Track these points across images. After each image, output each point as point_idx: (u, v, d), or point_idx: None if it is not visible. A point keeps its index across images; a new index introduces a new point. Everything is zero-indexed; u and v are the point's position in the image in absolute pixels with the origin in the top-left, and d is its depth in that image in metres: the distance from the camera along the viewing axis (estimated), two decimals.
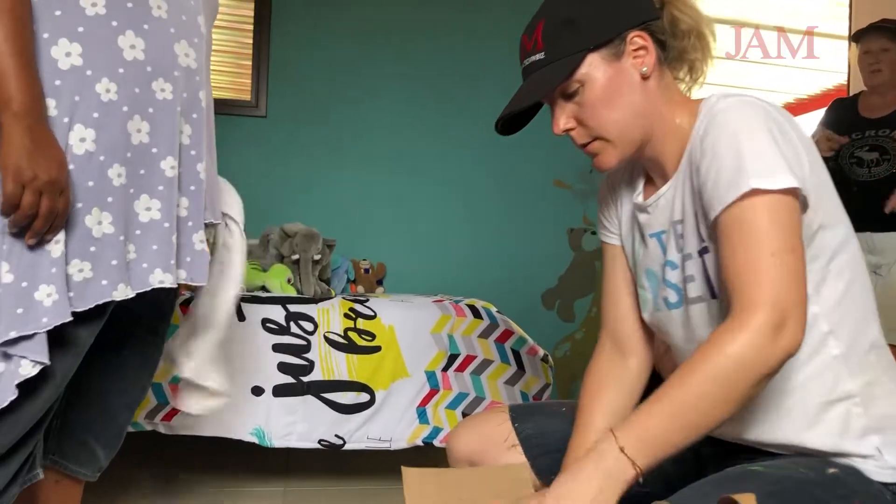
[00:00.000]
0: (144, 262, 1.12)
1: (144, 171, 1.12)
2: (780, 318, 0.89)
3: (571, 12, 1.06)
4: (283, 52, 3.06)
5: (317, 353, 2.07)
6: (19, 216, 0.98)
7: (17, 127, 0.97)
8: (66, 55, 1.05)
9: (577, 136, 1.10)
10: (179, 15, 1.16)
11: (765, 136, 0.95)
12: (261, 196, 3.03)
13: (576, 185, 3.27)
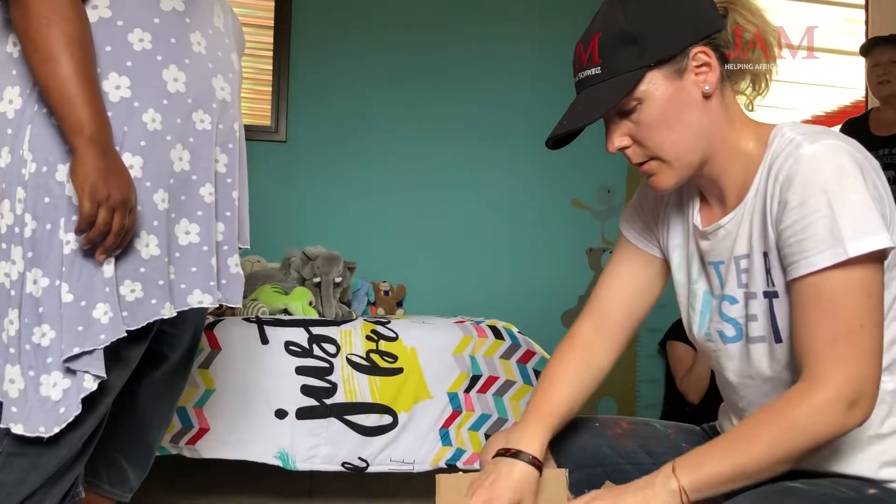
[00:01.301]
0: (183, 283, 1.17)
1: (185, 198, 1.17)
2: (855, 396, 0.91)
3: (631, 25, 1.00)
4: (302, 76, 3.10)
5: (339, 375, 2.08)
6: (95, 233, 1.04)
7: (90, 150, 1.03)
8: (116, 88, 1.11)
9: (633, 155, 1.06)
10: (216, 51, 1.22)
11: (860, 193, 0.91)
12: (282, 220, 3.05)
13: (594, 206, 3.28)
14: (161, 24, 1.14)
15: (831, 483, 0.99)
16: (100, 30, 1.11)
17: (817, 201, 0.92)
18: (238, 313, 2.34)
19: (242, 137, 1.32)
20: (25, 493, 1.08)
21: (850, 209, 0.91)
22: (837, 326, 0.92)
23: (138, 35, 1.13)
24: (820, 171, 0.93)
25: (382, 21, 3.17)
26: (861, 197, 0.91)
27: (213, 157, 1.20)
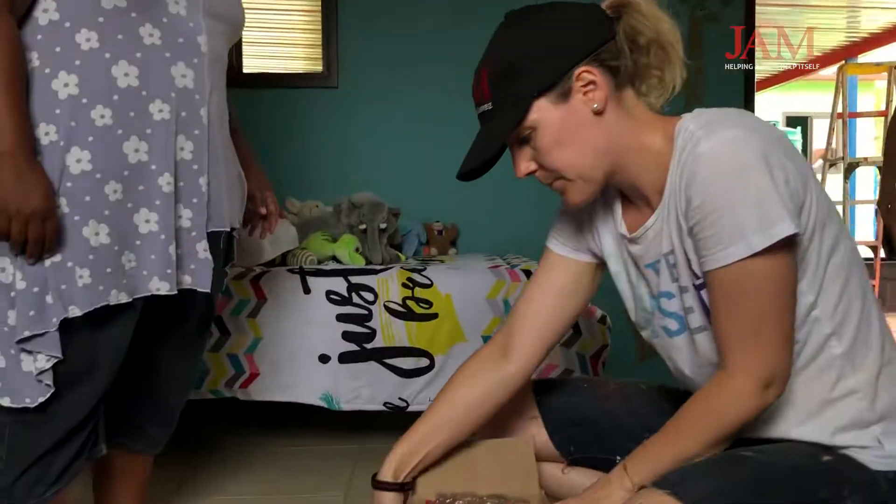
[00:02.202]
0: (145, 270, 1.25)
1: (143, 187, 1.23)
2: (767, 380, 0.97)
3: (512, 59, 1.03)
4: (351, 22, 3.13)
5: (378, 321, 2.18)
6: (12, 243, 1.13)
7: (3, 166, 1.10)
8: (65, 86, 1.18)
9: (541, 178, 1.09)
10: (175, 38, 1.25)
11: (759, 183, 0.92)
12: (337, 164, 3.14)
13: None
14: (106, 22, 1.19)
15: (784, 450, 1.02)
16: (50, 31, 1.18)
17: (718, 198, 0.94)
18: (288, 263, 2.47)
19: (223, 120, 1.37)
20: (36, 456, 1.22)
21: (750, 203, 0.92)
22: (747, 316, 0.96)
23: (85, 35, 1.18)
24: (718, 167, 0.94)
25: None
26: (761, 188, 0.92)
27: (175, 145, 1.26)
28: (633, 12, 1.05)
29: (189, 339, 1.50)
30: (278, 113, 3.15)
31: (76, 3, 1.19)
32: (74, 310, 1.17)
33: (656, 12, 1.06)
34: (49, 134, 1.17)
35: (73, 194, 1.18)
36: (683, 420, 1.03)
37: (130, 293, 1.24)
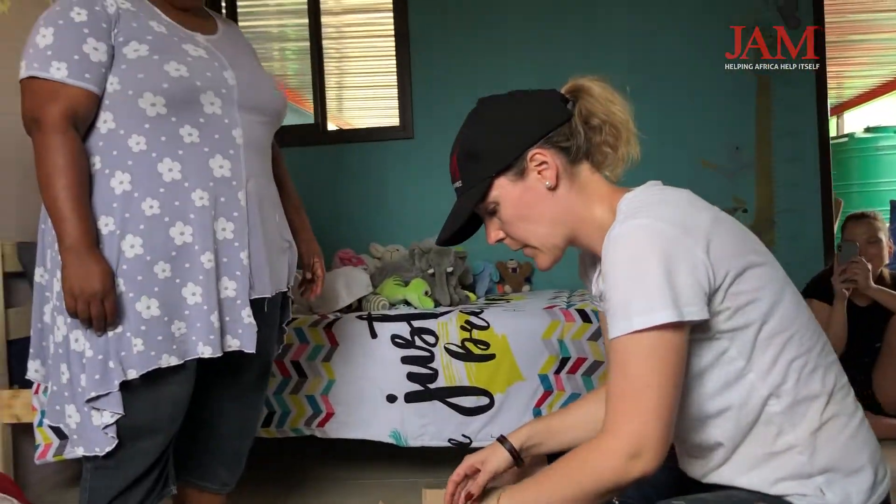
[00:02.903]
0: (193, 336, 1.45)
1: (189, 265, 1.44)
2: (636, 450, 0.99)
3: (474, 144, 1.17)
4: (424, 78, 3.33)
5: (439, 362, 2.33)
6: (80, 320, 1.37)
7: (69, 256, 1.35)
8: (120, 183, 1.42)
9: (510, 244, 1.22)
10: (212, 135, 1.47)
11: (651, 270, 0.99)
12: (413, 211, 3.34)
13: (724, 165, 3.20)
14: (152, 128, 1.43)
15: (723, 497, 1.08)
16: (108, 138, 1.43)
17: (614, 278, 1.02)
18: (363, 308, 2.67)
19: (269, 198, 1.57)
20: (112, 495, 1.45)
21: (638, 287, 0.99)
22: (625, 385, 1.01)
23: (135, 139, 1.42)
24: (619, 251, 1.02)
25: (494, 21, 3.29)
26: (650, 276, 0.99)
27: (214, 228, 1.47)
28: (587, 96, 1.16)
29: (247, 390, 1.70)
30: (360, 165, 3.39)
31: (128, 114, 1.43)
32: (132, 373, 1.40)
33: (608, 94, 1.17)
34: (108, 225, 1.41)
35: (128, 275, 1.40)
36: (558, 466, 1.08)
37: (181, 357, 1.45)
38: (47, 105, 1.39)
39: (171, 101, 1.44)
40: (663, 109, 3.23)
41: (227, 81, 1.52)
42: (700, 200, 1.13)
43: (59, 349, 1.44)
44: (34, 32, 1.44)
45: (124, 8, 1.48)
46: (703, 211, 1.08)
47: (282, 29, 3.83)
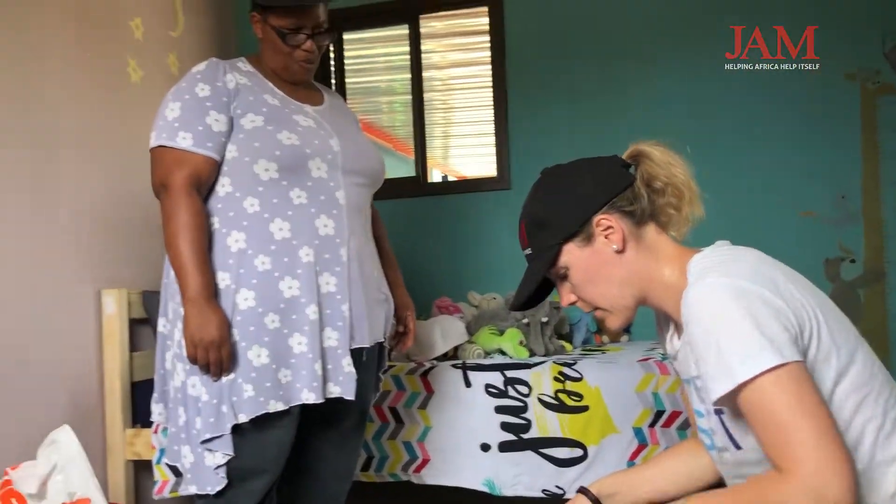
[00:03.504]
0: (298, 383, 1.56)
1: (296, 316, 1.56)
2: (819, 488, 0.96)
3: (540, 214, 1.24)
4: (521, 128, 3.41)
5: (533, 413, 2.36)
6: (199, 365, 1.49)
7: (190, 308, 1.49)
8: (236, 241, 1.56)
9: (582, 307, 1.27)
10: (318, 196, 1.60)
11: (738, 323, 1.00)
12: (511, 261, 3.39)
13: (827, 213, 3.11)
14: (265, 191, 1.57)
15: None
16: (225, 200, 1.58)
17: (704, 341, 1.04)
18: (458, 356, 2.73)
19: (370, 254, 1.68)
20: None
21: (731, 342, 1.01)
22: (772, 435, 1.00)
23: (250, 201, 1.57)
24: (701, 313, 1.05)
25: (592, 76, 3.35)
26: (738, 329, 1.00)
27: (319, 282, 1.58)
28: (647, 160, 1.22)
29: (347, 436, 1.80)
30: (458, 215, 3.49)
31: (243, 178, 1.58)
32: (242, 417, 1.51)
33: (669, 157, 1.22)
34: (224, 279, 1.55)
35: (242, 325, 1.53)
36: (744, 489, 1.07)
37: (286, 402, 1.56)
38: (174, 171, 1.55)
39: (282, 166, 1.58)
40: (760, 157, 3.19)
41: (332, 148, 1.66)
42: (769, 258, 1.15)
43: (178, 394, 1.58)
44: (163, 106, 1.62)
45: (242, 83, 1.64)
46: (773, 267, 1.11)
47: (389, 83, 4.01)
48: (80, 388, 2.44)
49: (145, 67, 2.83)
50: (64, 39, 2.43)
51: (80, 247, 2.46)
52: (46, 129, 2.33)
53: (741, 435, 1.12)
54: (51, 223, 2.34)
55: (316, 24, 1.69)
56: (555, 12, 3.40)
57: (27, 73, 2.27)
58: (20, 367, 2.18)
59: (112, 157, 2.62)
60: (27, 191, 2.25)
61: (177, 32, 3.07)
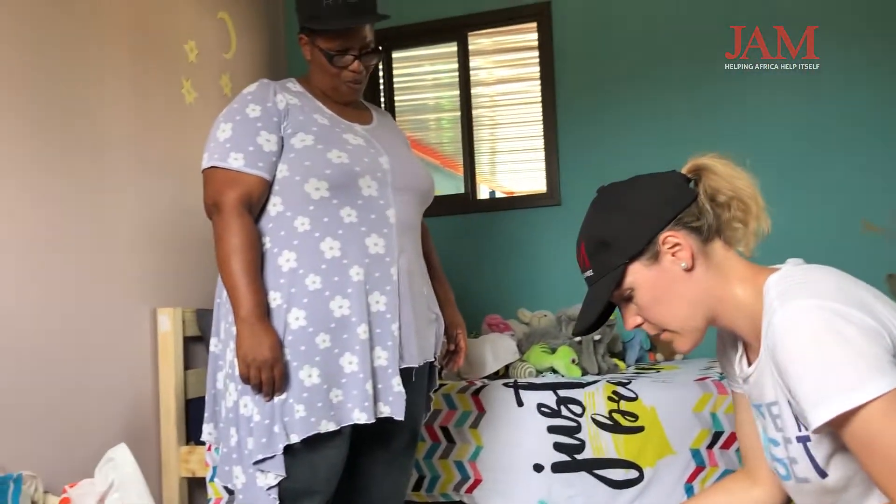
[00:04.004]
0: (349, 403, 1.55)
1: (347, 336, 1.55)
2: None
3: (603, 232, 1.17)
4: (571, 144, 3.38)
5: (586, 433, 2.32)
6: (251, 385, 1.49)
7: (242, 326, 1.49)
8: (287, 261, 1.56)
9: (648, 329, 1.20)
10: (369, 215, 1.60)
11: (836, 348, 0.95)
12: (557, 278, 3.35)
13: (889, 227, 3.00)
14: (315, 210, 1.57)
15: None
16: (277, 220, 1.58)
17: (799, 367, 0.98)
18: (510, 375, 2.70)
19: (410, 275, 1.66)
20: None
21: (830, 370, 0.96)
22: (887, 462, 0.94)
23: (301, 221, 1.57)
24: (794, 339, 0.99)
25: (641, 91, 3.31)
26: (837, 355, 0.95)
27: (369, 301, 1.57)
28: (710, 174, 1.16)
29: (398, 456, 1.78)
30: (508, 231, 3.46)
31: (294, 198, 1.58)
32: (294, 437, 1.51)
33: (732, 171, 1.16)
34: (276, 299, 1.55)
35: (293, 345, 1.53)
36: None
37: (338, 423, 1.55)
38: (226, 191, 1.56)
39: (333, 184, 1.58)
40: (818, 167, 3.10)
41: (382, 166, 1.65)
42: (849, 276, 1.10)
43: (230, 414, 1.58)
44: (215, 128, 1.64)
45: (292, 103, 1.65)
46: (857, 285, 1.06)
47: (437, 101, 4.03)
48: (135, 406, 2.47)
49: (199, 89, 2.88)
50: (121, 61, 2.49)
51: (136, 265, 2.51)
52: (103, 148, 2.39)
53: (827, 463, 1.07)
54: (108, 241, 2.39)
55: (363, 44, 1.70)
56: (603, 26, 3.36)
57: (87, 94, 2.34)
58: (78, 384, 2.22)
59: (166, 177, 2.67)
60: (86, 209, 2.30)
61: (230, 54, 3.13)
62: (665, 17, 3.29)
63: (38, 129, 2.14)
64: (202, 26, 2.95)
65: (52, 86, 2.20)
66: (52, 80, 2.20)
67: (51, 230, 2.16)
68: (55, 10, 2.23)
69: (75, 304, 2.23)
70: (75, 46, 2.30)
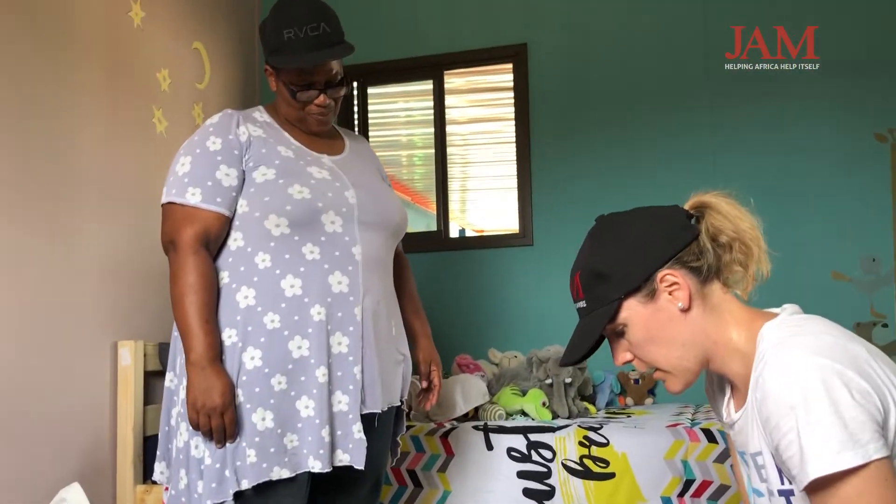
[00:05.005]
0: (304, 449, 1.49)
1: (304, 378, 1.50)
2: None
3: (600, 264, 1.14)
4: (544, 184, 3.38)
5: (557, 479, 2.28)
6: (201, 432, 1.43)
7: (193, 371, 1.44)
8: (245, 297, 1.50)
9: (638, 366, 1.18)
10: (332, 252, 1.55)
11: (822, 412, 0.93)
12: (532, 318, 3.33)
13: (858, 277, 3.04)
14: (276, 246, 1.52)
15: None
16: (237, 255, 1.53)
17: (785, 427, 0.96)
18: (480, 417, 2.65)
19: (376, 315, 1.60)
20: None
21: (814, 432, 0.94)
22: None
23: (261, 256, 1.52)
24: (782, 396, 0.97)
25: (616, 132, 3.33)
26: (822, 419, 0.93)
27: (330, 342, 1.52)
28: (714, 212, 1.14)
29: (363, 498, 1.71)
30: (480, 270, 3.44)
31: (254, 233, 1.54)
32: (245, 483, 1.45)
33: (736, 211, 1.13)
34: (231, 336, 1.50)
35: (247, 386, 1.48)
36: None
37: (292, 469, 1.49)
38: (183, 228, 1.51)
39: (293, 221, 1.53)
40: (789, 219, 3.13)
41: (347, 200, 1.61)
42: (844, 329, 1.08)
43: (181, 455, 1.52)
44: (175, 161, 1.60)
45: (256, 135, 1.60)
46: (852, 340, 1.04)
47: (410, 138, 4.03)
48: (92, 442, 2.38)
49: (170, 118, 2.83)
50: (93, 88, 2.44)
51: (98, 297, 2.43)
52: (72, 178, 2.33)
53: None
54: (69, 271, 2.31)
55: (328, 77, 1.65)
56: (579, 69, 3.39)
57: (57, 121, 2.28)
58: (31, 421, 2.13)
59: (133, 208, 2.60)
60: (47, 238, 2.23)
61: (203, 84, 3.09)
62: (641, 62, 3.33)
63: (3, 157, 2.08)
64: (176, 55, 2.91)
65: (21, 112, 2.14)
66: (22, 106, 2.15)
67: (10, 258, 2.09)
68: (27, 35, 2.18)
69: (31, 335, 2.15)
70: (47, 73, 2.25)
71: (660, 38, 3.31)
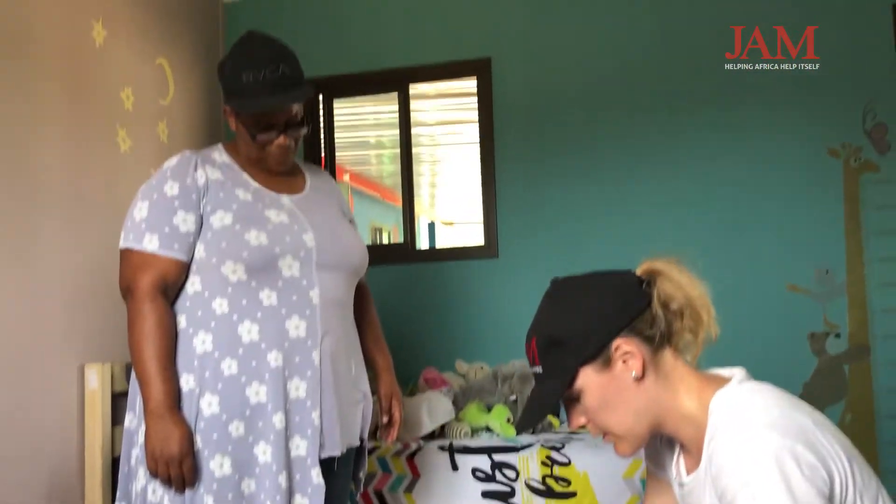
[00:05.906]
0: (262, 495, 1.51)
1: (262, 424, 1.52)
2: None
3: (556, 331, 1.16)
4: (509, 196, 3.42)
5: (520, 498, 2.34)
6: (160, 480, 1.46)
7: (150, 419, 1.45)
8: (202, 343, 1.52)
9: (592, 430, 1.21)
10: (290, 296, 1.57)
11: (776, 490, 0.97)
12: (498, 330, 3.38)
13: (812, 288, 3.13)
14: (233, 292, 1.54)
15: None
16: (194, 300, 1.55)
17: (742, 499, 1.00)
18: (446, 434, 2.70)
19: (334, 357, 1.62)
20: None
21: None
22: None
23: (218, 302, 1.54)
24: (735, 472, 1.01)
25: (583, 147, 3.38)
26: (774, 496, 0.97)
27: (287, 388, 1.54)
28: (665, 280, 1.17)
29: None
30: (446, 282, 3.48)
31: (212, 279, 1.56)
32: None
33: (686, 278, 1.17)
34: (189, 382, 1.52)
35: (205, 433, 1.50)
36: None
37: None
38: (139, 275, 1.53)
39: (250, 267, 1.55)
40: (743, 232, 3.21)
41: (306, 244, 1.62)
42: (792, 396, 1.13)
43: (139, 499, 1.54)
44: (133, 204, 1.61)
45: (213, 178, 1.61)
46: (799, 411, 1.08)
47: (378, 138, 4.04)
48: (59, 465, 2.38)
49: (134, 137, 2.82)
50: (55, 107, 2.42)
51: (63, 319, 2.43)
52: (36, 200, 2.31)
53: None
54: (33, 292, 2.30)
55: (288, 118, 1.65)
56: (543, 83, 3.42)
57: (20, 142, 2.26)
58: None
59: (97, 227, 2.59)
60: (9, 260, 2.21)
61: (167, 100, 3.08)
62: (605, 75, 3.37)
63: None
64: (140, 73, 2.89)
65: None
66: None
67: None
68: None
69: None
70: (7, 91, 2.23)
71: (618, 51, 3.35)
